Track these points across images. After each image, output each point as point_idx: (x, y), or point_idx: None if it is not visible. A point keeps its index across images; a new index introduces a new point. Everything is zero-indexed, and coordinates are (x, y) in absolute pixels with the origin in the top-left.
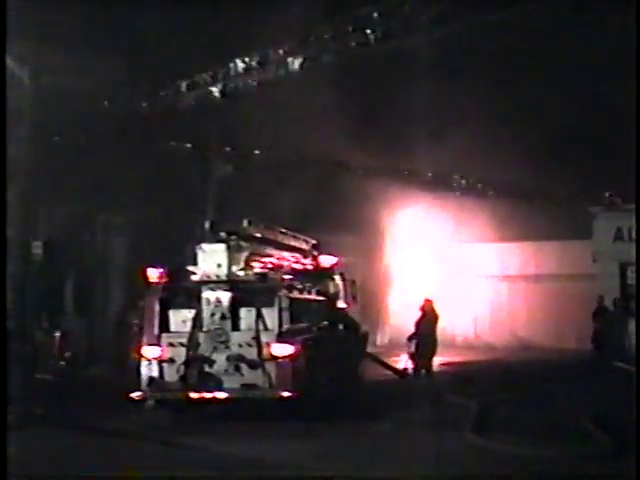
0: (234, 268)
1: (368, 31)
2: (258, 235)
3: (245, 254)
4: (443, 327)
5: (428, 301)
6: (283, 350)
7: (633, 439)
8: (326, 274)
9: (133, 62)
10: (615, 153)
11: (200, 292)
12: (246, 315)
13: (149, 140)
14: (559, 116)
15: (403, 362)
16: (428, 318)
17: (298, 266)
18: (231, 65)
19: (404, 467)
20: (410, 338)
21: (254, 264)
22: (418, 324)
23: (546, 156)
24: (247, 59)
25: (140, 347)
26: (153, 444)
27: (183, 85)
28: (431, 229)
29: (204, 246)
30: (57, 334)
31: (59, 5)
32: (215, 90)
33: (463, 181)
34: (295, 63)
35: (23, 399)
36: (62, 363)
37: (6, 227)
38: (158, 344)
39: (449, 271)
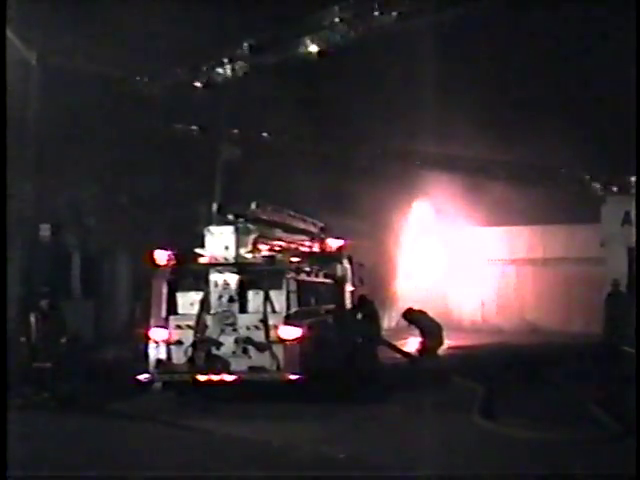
0: (242, 250)
1: (376, 14)
2: (266, 218)
3: (253, 236)
4: (451, 310)
5: (408, 310)
6: (291, 333)
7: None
8: (334, 257)
9: (140, 44)
10: (624, 137)
11: (208, 274)
12: (254, 297)
13: (157, 122)
14: (568, 99)
15: (411, 345)
16: (420, 318)
17: (306, 249)
18: (241, 46)
19: (411, 450)
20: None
21: (262, 246)
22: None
23: (555, 139)
24: (256, 41)
25: (148, 329)
26: (160, 426)
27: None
28: (439, 212)
29: (212, 228)
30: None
31: None
32: (221, 72)
33: (472, 164)
34: (306, 45)
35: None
36: (61, 348)
37: (6, 225)
38: (166, 326)
39: (457, 255)
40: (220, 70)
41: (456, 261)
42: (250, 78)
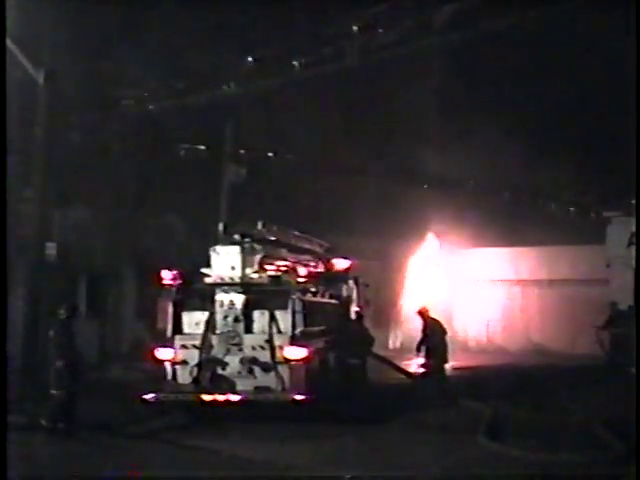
0: (248, 270)
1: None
2: (272, 238)
3: (259, 256)
4: (456, 331)
5: (424, 310)
6: (296, 353)
7: None
8: (339, 277)
9: (146, 63)
10: (630, 158)
11: (213, 294)
12: (259, 318)
13: (163, 142)
14: (574, 121)
15: (415, 365)
16: (430, 324)
17: (311, 269)
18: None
19: (416, 470)
20: (419, 347)
21: (267, 267)
22: (424, 331)
23: (561, 161)
24: (258, 59)
25: (153, 349)
26: (165, 446)
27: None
28: (445, 233)
29: (218, 248)
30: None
31: (73, 7)
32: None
33: (478, 185)
34: (306, 66)
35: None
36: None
37: (6, 227)
38: (171, 346)
39: (463, 275)
40: (224, 88)
41: (462, 282)
42: (256, 97)
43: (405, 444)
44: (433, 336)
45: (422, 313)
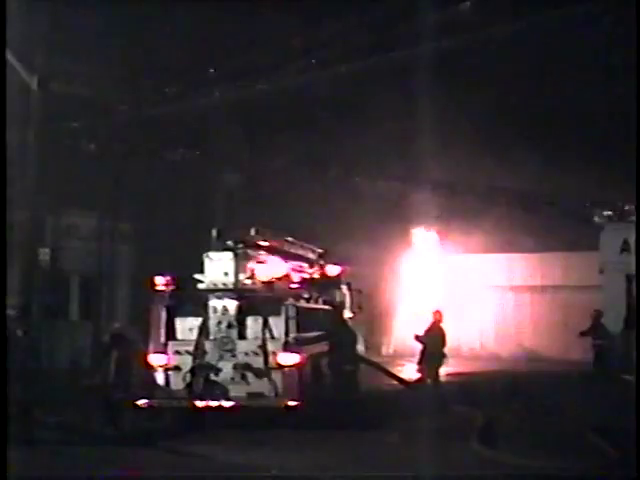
0: (241, 276)
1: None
2: (265, 243)
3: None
4: (449, 337)
5: (438, 314)
6: (289, 359)
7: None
8: (333, 283)
9: (141, 68)
10: (625, 164)
11: (207, 300)
12: (253, 324)
13: (157, 147)
14: (570, 127)
15: (408, 372)
16: (435, 329)
17: (305, 275)
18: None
19: (409, 475)
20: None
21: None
22: (426, 332)
23: (555, 167)
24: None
25: (146, 355)
26: (158, 452)
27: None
28: (438, 239)
29: (211, 254)
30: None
31: (67, 11)
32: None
33: (471, 190)
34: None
35: None
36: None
37: (6, 229)
38: (164, 352)
39: (456, 281)
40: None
41: (455, 288)
42: (249, 102)
43: (398, 450)
44: (434, 344)
45: (435, 316)
